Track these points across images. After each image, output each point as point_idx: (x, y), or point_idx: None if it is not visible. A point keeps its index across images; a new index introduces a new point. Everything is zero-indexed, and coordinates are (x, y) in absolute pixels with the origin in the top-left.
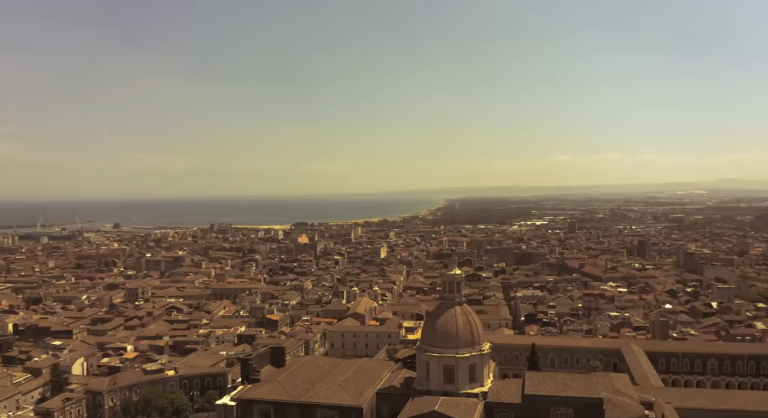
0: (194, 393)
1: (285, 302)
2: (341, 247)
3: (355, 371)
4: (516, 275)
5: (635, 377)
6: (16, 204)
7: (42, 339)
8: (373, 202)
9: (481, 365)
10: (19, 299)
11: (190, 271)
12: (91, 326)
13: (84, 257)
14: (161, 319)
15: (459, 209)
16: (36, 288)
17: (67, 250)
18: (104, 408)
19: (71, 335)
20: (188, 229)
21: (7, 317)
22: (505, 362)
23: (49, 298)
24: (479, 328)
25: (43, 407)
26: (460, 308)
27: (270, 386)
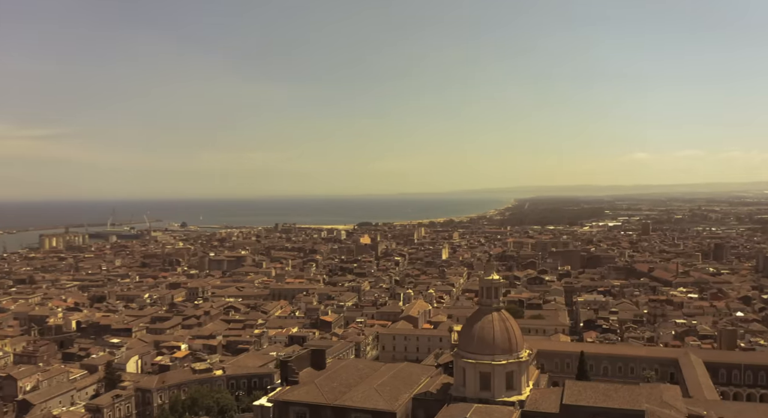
0: (239, 393)
1: (340, 304)
2: (403, 248)
3: (392, 376)
4: (581, 279)
5: (689, 388)
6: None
7: (102, 337)
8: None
9: (518, 373)
10: (84, 296)
11: (251, 271)
12: (150, 324)
13: (150, 255)
14: (218, 318)
15: (528, 208)
16: (101, 286)
17: (134, 249)
18: (153, 406)
19: (131, 333)
20: (253, 228)
21: (72, 315)
22: (556, 370)
23: (113, 296)
24: (517, 335)
25: (93, 403)
26: (498, 314)
27: (307, 388)
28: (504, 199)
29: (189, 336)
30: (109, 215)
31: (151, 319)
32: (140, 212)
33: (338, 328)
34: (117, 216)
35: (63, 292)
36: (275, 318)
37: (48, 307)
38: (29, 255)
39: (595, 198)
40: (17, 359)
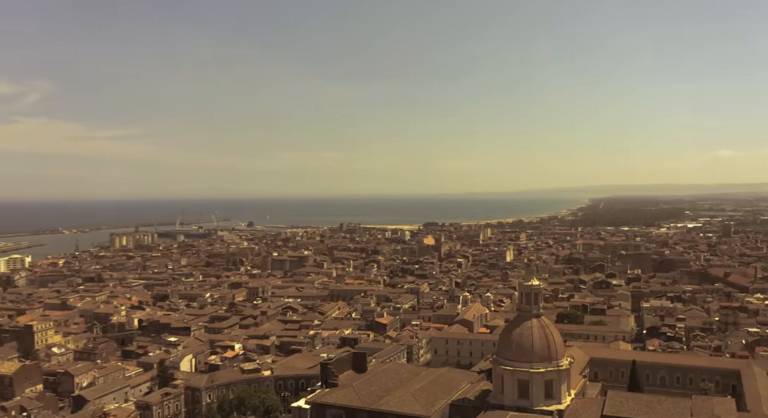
0: (285, 394)
1: (397, 306)
2: (467, 249)
3: (431, 381)
4: (651, 283)
5: (748, 402)
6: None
7: (161, 335)
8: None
9: (558, 382)
10: (148, 295)
11: (312, 271)
12: (208, 323)
13: (214, 255)
14: (275, 318)
15: (603, 209)
16: (165, 285)
17: (200, 248)
18: (202, 404)
19: (189, 332)
20: (318, 228)
21: (134, 313)
22: (610, 379)
23: (176, 295)
24: (557, 342)
25: (143, 400)
26: (538, 321)
27: (344, 391)
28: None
29: (244, 336)
30: (178, 214)
31: (210, 318)
32: (209, 211)
33: (393, 330)
34: (186, 215)
35: (129, 290)
36: (331, 319)
37: (113, 305)
38: (99, 254)
39: (676, 198)
40: (77, 356)
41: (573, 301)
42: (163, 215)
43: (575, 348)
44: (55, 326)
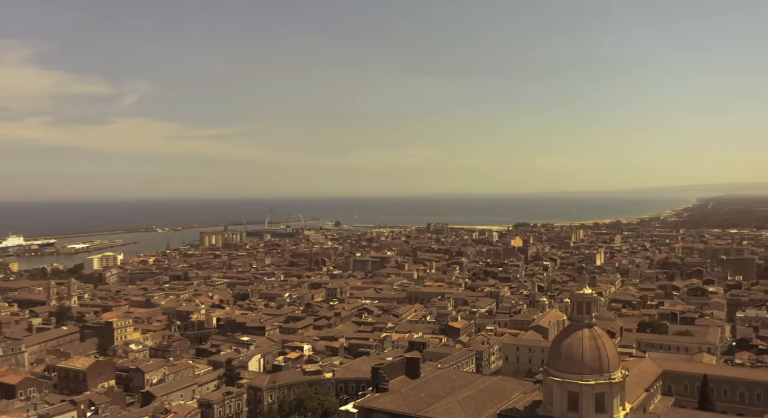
0: (344, 397)
1: (473, 310)
2: (557, 251)
3: (481, 390)
4: (753, 291)
5: None
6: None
7: (238, 333)
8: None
9: (610, 395)
10: (230, 294)
11: (393, 272)
12: (283, 323)
13: (298, 254)
14: (349, 320)
15: (711, 209)
16: (247, 284)
17: (286, 247)
18: (263, 404)
19: (264, 331)
20: (405, 228)
21: (213, 312)
22: (684, 394)
23: (256, 294)
24: (610, 353)
25: (205, 398)
26: (589, 331)
27: (393, 396)
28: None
29: (315, 337)
30: (267, 213)
31: (286, 318)
32: (298, 210)
33: (466, 335)
34: (275, 214)
35: (212, 289)
36: (406, 322)
37: (194, 303)
38: (188, 252)
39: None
40: (153, 353)
41: (661, 308)
42: (254, 213)
43: (647, 360)
44: (134, 323)
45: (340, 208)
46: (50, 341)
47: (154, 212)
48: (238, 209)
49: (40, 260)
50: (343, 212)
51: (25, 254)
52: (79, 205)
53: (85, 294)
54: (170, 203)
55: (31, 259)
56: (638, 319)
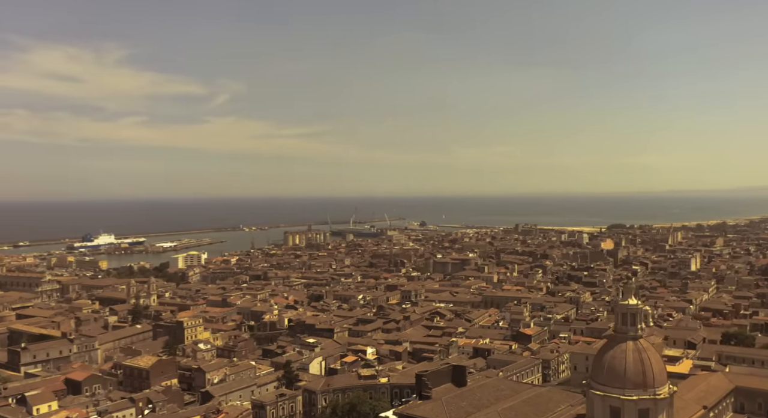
0: (397, 403)
1: (548, 316)
2: (650, 255)
3: (525, 401)
4: None
5: None
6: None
7: (305, 335)
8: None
9: (655, 411)
10: (305, 294)
11: (473, 275)
12: (353, 326)
13: (378, 255)
14: (420, 324)
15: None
16: (324, 285)
17: (367, 248)
18: (317, 407)
19: (332, 334)
20: (492, 229)
21: (286, 312)
22: (759, 411)
23: (331, 295)
24: (655, 368)
25: (259, 399)
26: (633, 344)
27: (433, 405)
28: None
29: (381, 340)
30: (352, 212)
31: (356, 321)
32: (384, 209)
33: (538, 342)
34: (360, 214)
35: (289, 289)
36: (477, 327)
37: (269, 304)
38: (270, 252)
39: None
40: (219, 353)
41: (755, 319)
42: (339, 213)
43: (718, 375)
44: (207, 322)
45: (428, 207)
46: (124, 339)
47: (243, 211)
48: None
49: (129, 258)
50: (430, 211)
51: (115, 252)
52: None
53: (166, 293)
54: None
55: (121, 257)
56: (719, 330)
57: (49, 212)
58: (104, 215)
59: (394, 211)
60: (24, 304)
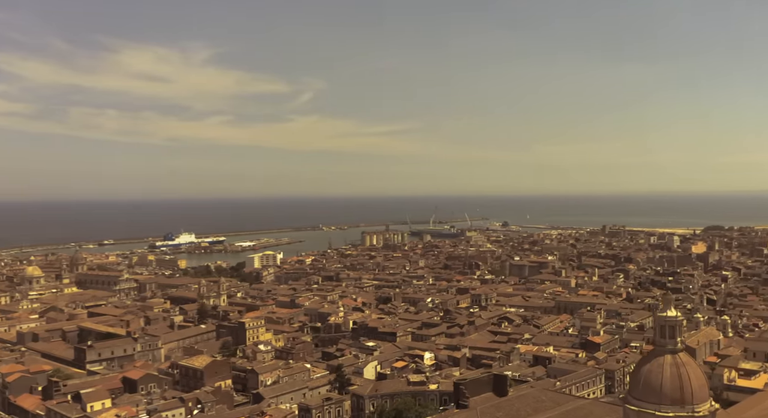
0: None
1: (621, 324)
2: (746, 259)
3: (562, 413)
4: None
5: None
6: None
7: (365, 338)
8: None
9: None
10: (374, 296)
11: (549, 278)
12: (417, 330)
13: (454, 257)
14: (485, 329)
15: None
16: (395, 287)
17: (444, 249)
18: (365, 412)
19: (395, 337)
20: (578, 230)
21: (351, 314)
22: None
23: (399, 298)
24: (695, 384)
25: (305, 403)
26: (672, 358)
27: (467, 414)
28: None
29: (441, 345)
30: (432, 212)
31: (421, 324)
32: (467, 209)
33: (606, 351)
34: (440, 214)
35: (359, 291)
36: (545, 334)
37: (336, 305)
38: (346, 252)
39: None
40: (277, 354)
41: None
42: (419, 212)
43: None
44: (273, 324)
45: (512, 207)
46: (187, 338)
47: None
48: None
49: (208, 257)
50: (515, 211)
51: (195, 251)
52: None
53: (238, 293)
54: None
55: (201, 256)
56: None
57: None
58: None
59: (476, 210)
60: (96, 302)
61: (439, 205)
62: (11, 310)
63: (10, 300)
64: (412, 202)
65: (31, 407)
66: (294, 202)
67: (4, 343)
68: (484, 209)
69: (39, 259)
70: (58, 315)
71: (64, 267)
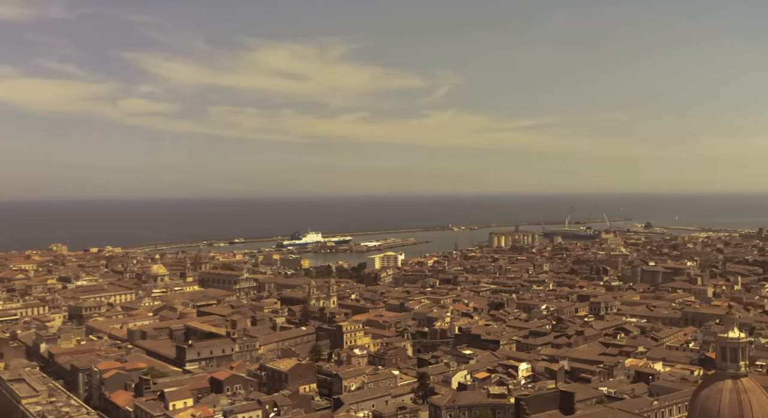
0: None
1: (750, 339)
2: None
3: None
4: None
5: None
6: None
7: (462, 346)
8: None
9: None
10: (486, 302)
11: (683, 287)
12: (522, 338)
13: (581, 261)
14: (597, 340)
15: None
16: (513, 292)
17: (574, 252)
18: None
19: (498, 345)
20: (731, 232)
21: (458, 320)
22: None
23: (513, 304)
24: (758, 411)
25: (378, 411)
26: (733, 383)
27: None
28: None
29: (540, 357)
30: (568, 212)
31: (528, 333)
32: (606, 208)
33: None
34: (576, 214)
35: (474, 295)
36: (663, 348)
37: (446, 310)
38: (469, 254)
39: None
40: (370, 360)
41: None
42: (554, 212)
43: None
44: (369, 327)
45: (661, 206)
46: (286, 340)
47: (455, 209)
48: (538, 207)
49: (333, 257)
50: (664, 211)
51: (321, 250)
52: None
53: (352, 295)
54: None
55: (327, 256)
56: None
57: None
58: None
59: (620, 210)
60: (208, 302)
61: (576, 204)
62: (133, 307)
63: (134, 297)
64: (546, 201)
65: (123, 403)
66: (425, 200)
67: (115, 340)
68: (629, 208)
69: (170, 257)
70: (169, 313)
71: (188, 266)
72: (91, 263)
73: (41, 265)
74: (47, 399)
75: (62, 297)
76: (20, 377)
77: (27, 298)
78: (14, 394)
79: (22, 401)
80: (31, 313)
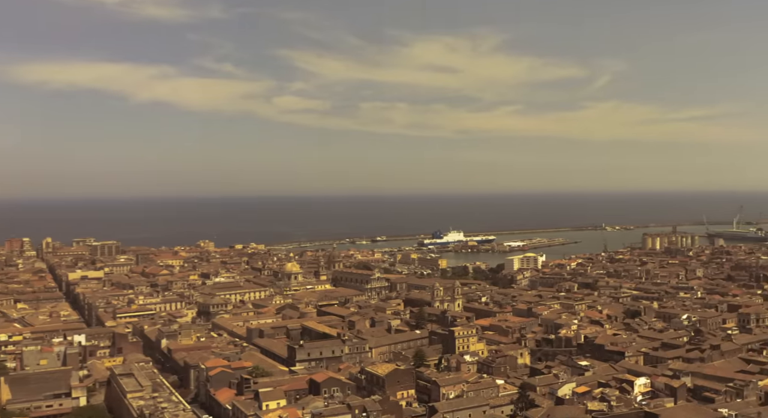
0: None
1: None
2: None
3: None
4: None
5: None
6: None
7: (579, 356)
8: None
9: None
10: (622, 309)
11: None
12: (652, 350)
13: (740, 267)
14: (738, 355)
15: None
16: (655, 299)
17: (735, 256)
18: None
19: (623, 356)
20: None
21: (586, 328)
22: None
23: (651, 313)
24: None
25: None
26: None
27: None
28: None
29: (667, 372)
30: (736, 211)
31: (660, 345)
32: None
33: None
34: (746, 214)
35: (611, 301)
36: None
37: (577, 317)
38: (616, 256)
39: None
40: (479, 367)
41: None
42: (721, 211)
43: None
44: (489, 332)
45: None
46: (399, 343)
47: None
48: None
49: (474, 257)
50: None
51: (462, 250)
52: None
53: (483, 297)
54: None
55: (467, 255)
56: None
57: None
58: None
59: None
60: (330, 301)
61: (746, 203)
62: (264, 305)
63: (266, 295)
64: (711, 198)
65: (225, 400)
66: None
67: (234, 337)
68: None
69: (309, 255)
70: (291, 312)
71: (321, 264)
72: (234, 260)
73: (187, 261)
74: (150, 394)
75: (198, 293)
76: (130, 371)
77: (167, 293)
78: (122, 388)
79: (127, 396)
80: (168, 308)
